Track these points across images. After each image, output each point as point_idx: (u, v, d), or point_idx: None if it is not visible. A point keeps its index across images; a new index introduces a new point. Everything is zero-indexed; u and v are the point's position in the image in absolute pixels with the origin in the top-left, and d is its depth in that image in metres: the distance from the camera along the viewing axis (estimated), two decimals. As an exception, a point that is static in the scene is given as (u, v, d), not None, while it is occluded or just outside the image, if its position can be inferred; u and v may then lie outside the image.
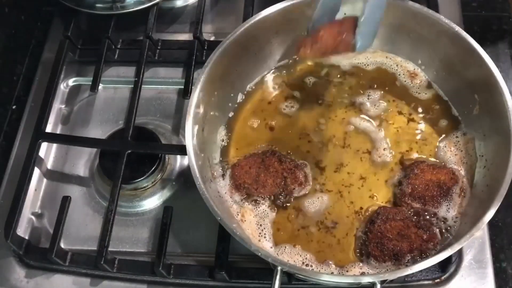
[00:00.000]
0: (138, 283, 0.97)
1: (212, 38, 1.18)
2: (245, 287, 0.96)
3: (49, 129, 1.10)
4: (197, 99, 0.95)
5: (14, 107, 1.17)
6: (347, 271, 0.90)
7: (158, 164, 1.03)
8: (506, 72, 1.11)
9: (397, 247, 0.89)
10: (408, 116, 1.03)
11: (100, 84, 1.13)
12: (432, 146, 1.00)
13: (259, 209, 0.96)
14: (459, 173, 0.96)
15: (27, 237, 1.01)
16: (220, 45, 0.98)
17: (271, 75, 1.09)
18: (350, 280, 0.86)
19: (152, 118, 1.12)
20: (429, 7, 1.05)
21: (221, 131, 1.04)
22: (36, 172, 1.06)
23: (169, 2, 1.25)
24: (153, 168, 1.03)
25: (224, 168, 1.00)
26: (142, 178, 1.02)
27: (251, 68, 1.07)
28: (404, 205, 0.94)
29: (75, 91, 1.17)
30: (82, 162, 1.09)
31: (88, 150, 1.09)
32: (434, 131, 1.02)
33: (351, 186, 0.98)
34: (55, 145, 1.11)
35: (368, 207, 0.96)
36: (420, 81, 1.06)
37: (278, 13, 1.01)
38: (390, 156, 1.00)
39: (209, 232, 0.96)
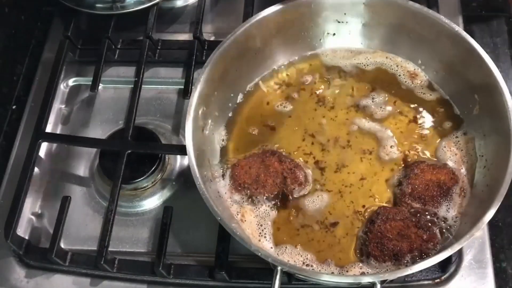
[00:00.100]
0: (138, 283, 0.97)
1: (212, 38, 1.18)
2: (245, 287, 0.96)
3: (49, 129, 1.09)
4: (197, 99, 0.95)
5: (14, 107, 1.17)
6: (347, 271, 0.90)
7: (158, 164, 1.03)
8: (506, 72, 1.11)
9: (397, 247, 0.89)
10: (408, 116, 1.03)
11: (100, 84, 1.13)
12: (432, 145, 1.00)
13: (259, 209, 0.96)
14: (459, 173, 0.96)
15: (27, 237, 1.01)
16: (220, 45, 0.98)
17: (271, 75, 1.09)
18: (350, 280, 0.86)
19: (152, 118, 1.12)
20: (429, 7, 1.05)
21: (221, 131, 1.04)
22: (36, 172, 1.06)
23: (169, 2, 1.25)
24: (153, 168, 1.02)
25: (224, 168, 1.00)
26: (142, 178, 1.02)
27: (251, 68, 1.07)
28: (404, 205, 0.94)
29: (75, 91, 1.17)
30: (82, 162, 1.09)
31: (88, 150, 1.09)
32: (434, 130, 1.02)
33: (351, 186, 0.98)
34: (55, 145, 1.11)
35: (368, 207, 0.96)
36: (420, 81, 1.06)
37: (278, 13, 1.01)
38: (398, 153, 1.00)
39: (209, 232, 0.96)
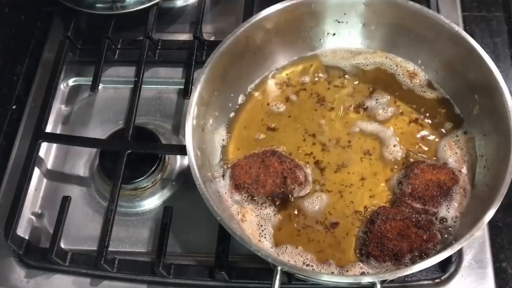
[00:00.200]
0: (138, 283, 0.97)
1: (212, 38, 1.18)
2: (245, 287, 0.96)
3: (49, 129, 1.09)
4: (197, 99, 0.95)
5: (14, 107, 1.17)
6: (347, 271, 0.90)
7: (158, 164, 1.03)
8: (506, 72, 1.11)
9: (397, 247, 0.89)
10: (409, 116, 1.03)
11: (100, 84, 1.13)
12: (433, 145, 1.00)
13: (259, 209, 0.96)
14: (459, 173, 0.96)
15: (27, 237, 1.01)
16: (220, 45, 0.98)
17: (271, 75, 1.09)
18: (350, 280, 0.86)
19: (152, 118, 1.12)
20: (429, 7, 1.05)
21: (221, 131, 1.04)
22: (36, 172, 1.06)
23: (169, 2, 1.25)
24: (153, 168, 1.02)
25: (224, 168, 1.00)
26: (142, 178, 1.02)
27: (251, 69, 1.07)
28: (404, 205, 0.94)
29: (75, 91, 1.17)
30: (82, 162, 1.09)
31: (88, 150, 1.09)
32: (434, 130, 1.02)
33: (351, 186, 0.98)
34: (55, 145, 1.11)
35: (368, 207, 0.96)
36: (419, 80, 1.06)
37: (278, 13, 1.01)
38: (401, 152, 1.00)
39: (209, 232, 0.96)
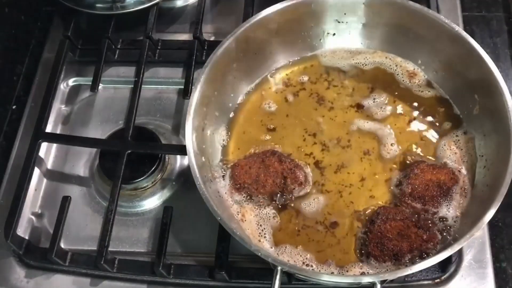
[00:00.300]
0: (138, 283, 0.97)
1: (212, 38, 1.18)
2: (245, 287, 0.96)
3: (49, 129, 1.09)
4: (197, 99, 0.95)
5: (14, 107, 1.17)
6: (347, 271, 0.90)
7: (158, 164, 1.03)
8: (506, 72, 1.11)
9: (397, 247, 0.89)
10: (408, 116, 1.03)
11: (100, 84, 1.13)
12: (432, 145, 1.00)
13: (259, 209, 0.96)
14: (459, 173, 0.96)
15: (27, 237, 1.01)
16: (220, 45, 0.98)
17: (271, 75, 1.09)
18: (350, 280, 0.86)
19: (152, 118, 1.12)
20: (429, 7, 1.05)
21: (221, 131, 1.04)
22: (36, 172, 1.06)
23: (169, 2, 1.25)
24: (153, 168, 1.02)
25: (224, 168, 1.00)
26: (142, 178, 1.02)
27: (251, 69, 1.07)
28: (404, 205, 0.94)
29: (75, 91, 1.17)
30: (82, 162, 1.09)
31: (88, 150, 1.09)
32: (434, 130, 1.02)
33: (351, 186, 0.98)
34: (55, 145, 1.11)
35: (368, 207, 0.96)
36: (418, 80, 1.06)
37: (278, 13, 1.01)
38: (398, 151, 1.00)
39: (209, 232, 0.96)
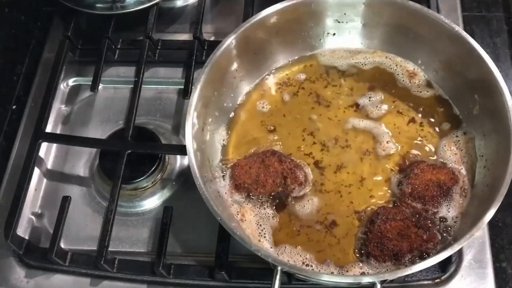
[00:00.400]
0: (138, 283, 0.97)
1: (212, 38, 1.18)
2: (245, 287, 0.96)
3: (49, 129, 1.09)
4: (197, 99, 0.95)
5: (14, 107, 1.17)
6: (347, 271, 0.90)
7: (158, 164, 1.03)
8: (506, 72, 1.11)
9: (397, 247, 0.89)
10: (408, 116, 1.03)
11: (100, 84, 1.13)
12: (432, 145, 1.00)
13: (259, 209, 0.96)
14: (459, 173, 0.96)
15: (27, 237, 1.01)
16: (220, 45, 0.98)
17: (271, 75, 1.09)
18: (350, 280, 0.86)
19: (152, 118, 1.12)
20: (429, 7, 1.05)
21: (221, 131, 1.04)
22: (36, 172, 1.06)
23: (169, 2, 1.25)
24: (153, 168, 1.02)
25: (224, 168, 1.00)
26: (142, 178, 1.02)
27: (251, 68, 1.06)
28: (404, 205, 0.94)
29: (75, 91, 1.17)
30: (82, 162, 1.09)
31: (88, 150, 1.09)
32: (434, 130, 1.02)
33: (351, 186, 0.98)
34: (55, 145, 1.11)
35: (368, 207, 0.96)
36: (418, 80, 1.06)
37: (278, 13, 1.01)
38: (394, 148, 1.00)
39: (209, 232, 0.96)
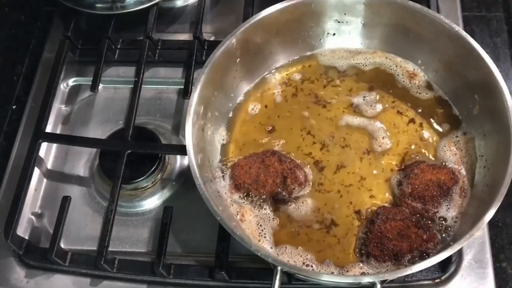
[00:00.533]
0: (138, 283, 0.97)
1: (212, 38, 1.18)
2: (245, 287, 0.96)
3: (49, 129, 1.09)
4: (197, 99, 0.95)
5: (14, 107, 1.17)
6: (347, 271, 0.90)
7: (158, 164, 1.03)
8: (506, 72, 1.11)
9: (397, 247, 0.89)
10: (408, 117, 1.03)
11: (100, 84, 1.13)
12: (432, 145, 1.00)
13: (259, 209, 0.96)
14: (459, 173, 0.96)
15: (27, 237, 1.01)
16: (220, 45, 0.98)
17: (271, 75, 1.09)
18: (350, 280, 0.86)
19: (152, 118, 1.12)
20: (429, 7, 1.05)
21: (221, 131, 1.04)
22: (36, 172, 1.06)
23: (169, 2, 1.25)
24: (153, 168, 1.03)
25: (224, 168, 1.00)
26: (142, 178, 1.02)
27: (251, 68, 1.07)
28: (404, 205, 0.94)
29: (75, 91, 1.17)
30: (82, 162, 1.09)
31: (88, 150, 1.09)
32: (434, 130, 1.02)
33: (350, 186, 0.98)
34: (55, 145, 1.11)
35: (368, 207, 0.96)
36: (419, 81, 1.06)
37: (278, 13, 1.01)
38: (390, 144, 1.00)
39: (209, 232, 0.96)
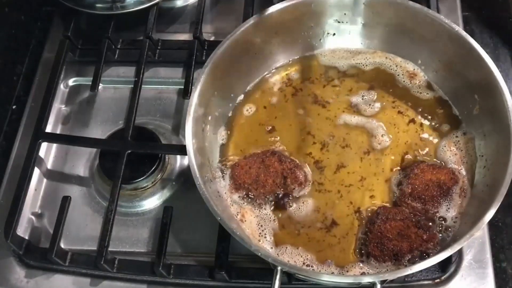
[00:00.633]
0: (138, 283, 0.97)
1: (212, 38, 1.18)
2: (245, 287, 0.96)
3: (49, 129, 1.09)
4: (197, 99, 0.95)
5: (14, 107, 1.17)
6: (347, 271, 0.90)
7: (158, 164, 1.03)
8: (506, 72, 1.11)
9: (397, 247, 0.89)
10: (408, 116, 1.03)
11: (100, 84, 1.13)
12: (432, 146, 1.00)
13: (259, 209, 0.96)
14: (459, 173, 0.96)
15: (27, 237, 1.01)
16: (220, 45, 0.98)
17: (271, 75, 1.09)
18: (350, 280, 0.86)
19: (152, 118, 1.12)
20: (429, 7, 1.05)
21: (221, 131, 1.04)
22: (36, 172, 1.06)
23: (169, 2, 1.25)
24: (153, 168, 1.02)
25: (224, 168, 1.00)
26: (142, 178, 1.02)
27: (251, 68, 1.07)
28: (404, 205, 0.94)
29: (75, 91, 1.17)
30: (82, 162, 1.09)
31: (88, 150, 1.09)
32: (434, 130, 1.02)
33: (350, 186, 0.98)
34: (55, 145, 1.11)
35: (368, 207, 0.96)
36: (419, 81, 1.06)
37: (278, 13, 1.01)
38: (389, 141, 1.00)
39: (209, 232, 0.96)
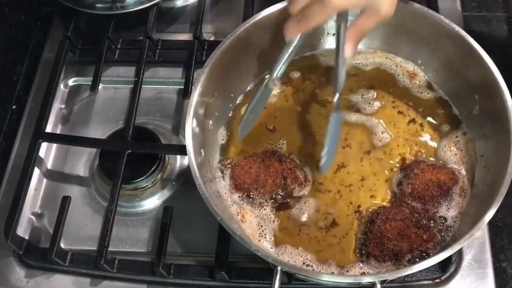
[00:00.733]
0: (138, 283, 0.97)
1: (212, 38, 1.18)
2: (245, 287, 0.96)
3: (49, 129, 1.09)
4: (197, 99, 0.95)
5: (14, 107, 1.17)
6: (347, 271, 0.90)
7: (158, 164, 1.03)
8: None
9: (397, 247, 0.89)
10: (409, 116, 1.03)
11: (100, 84, 1.13)
12: (432, 146, 1.00)
13: (259, 209, 0.96)
14: (459, 173, 0.96)
15: (27, 237, 1.01)
16: (220, 45, 0.98)
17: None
18: (350, 280, 0.86)
19: (152, 118, 1.12)
20: (429, 7, 1.05)
21: (221, 131, 1.04)
22: (36, 172, 1.06)
23: (169, 2, 1.25)
24: (153, 168, 1.03)
25: (224, 168, 1.00)
26: (142, 178, 1.02)
27: (251, 68, 1.06)
28: (404, 205, 0.94)
29: (75, 91, 1.17)
30: (82, 162, 1.09)
31: (88, 150, 1.09)
32: (434, 131, 1.02)
33: (351, 186, 0.98)
34: (55, 145, 1.11)
35: (368, 207, 0.96)
36: (419, 81, 1.06)
37: (278, 13, 1.01)
38: (389, 138, 1.00)
39: (209, 232, 0.96)
